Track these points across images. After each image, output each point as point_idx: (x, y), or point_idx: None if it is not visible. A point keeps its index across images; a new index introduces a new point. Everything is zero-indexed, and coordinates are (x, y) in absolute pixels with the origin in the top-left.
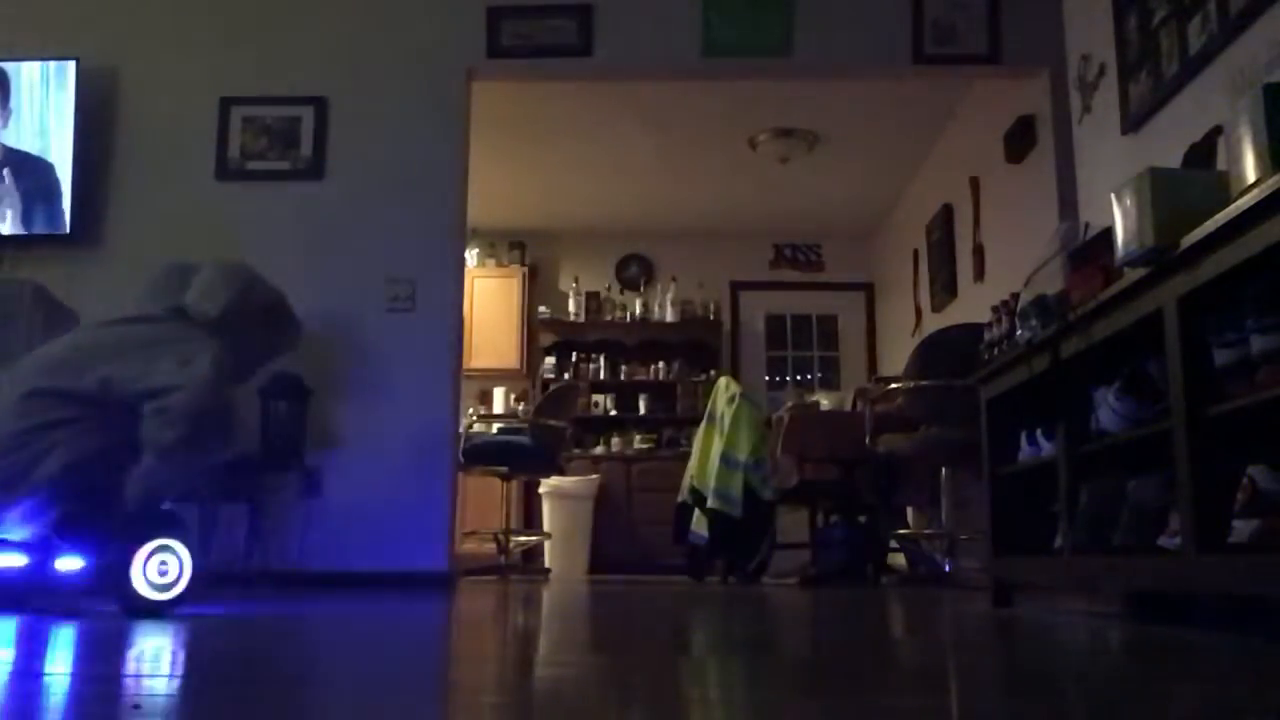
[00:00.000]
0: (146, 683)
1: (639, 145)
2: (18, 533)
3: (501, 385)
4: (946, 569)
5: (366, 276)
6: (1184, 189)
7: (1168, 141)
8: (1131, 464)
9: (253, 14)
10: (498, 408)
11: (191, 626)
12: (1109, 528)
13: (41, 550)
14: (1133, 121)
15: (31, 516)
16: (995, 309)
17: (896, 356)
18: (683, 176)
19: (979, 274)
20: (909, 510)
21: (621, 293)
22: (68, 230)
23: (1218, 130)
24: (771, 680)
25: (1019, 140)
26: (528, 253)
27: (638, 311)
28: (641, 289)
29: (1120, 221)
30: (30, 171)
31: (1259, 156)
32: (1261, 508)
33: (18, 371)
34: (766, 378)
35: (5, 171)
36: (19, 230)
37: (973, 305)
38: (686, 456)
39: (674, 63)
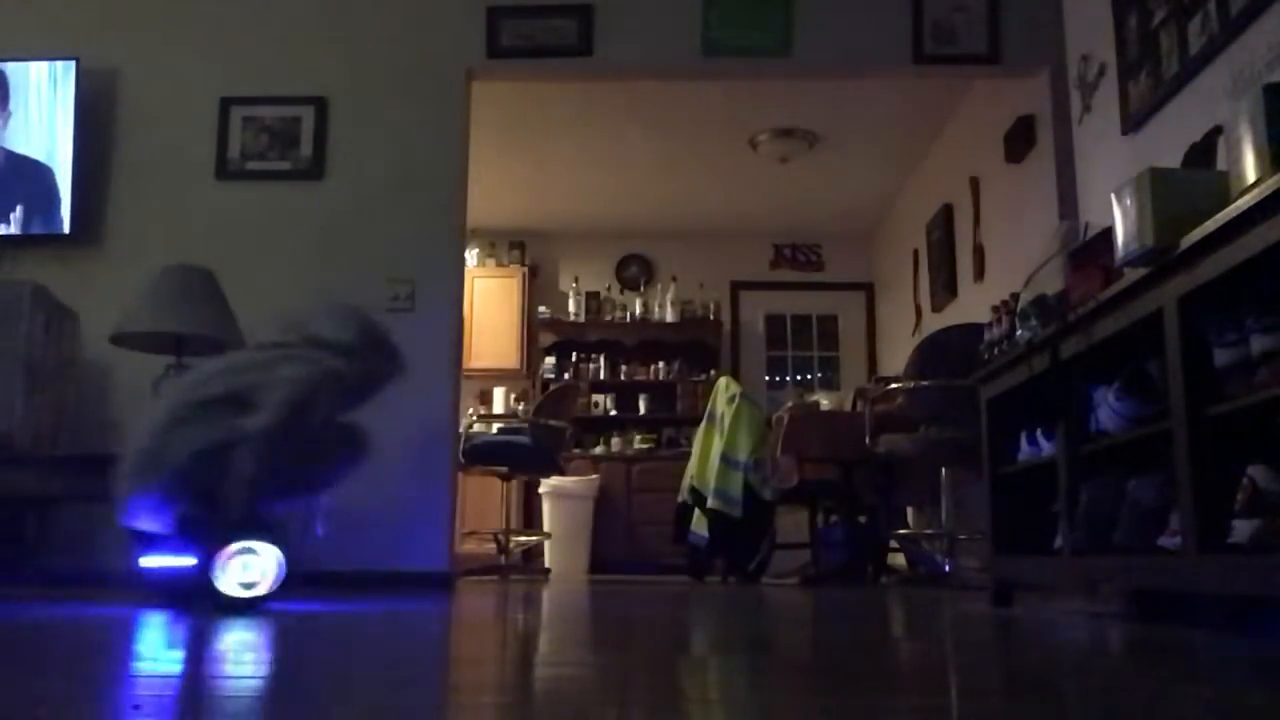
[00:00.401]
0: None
1: (639, 145)
2: (147, 523)
3: (501, 385)
4: (946, 569)
5: (366, 276)
6: (1184, 189)
7: (1168, 141)
8: (1131, 464)
9: (253, 14)
10: (498, 408)
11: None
12: (1109, 528)
13: (205, 550)
14: (1133, 121)
15: (159, 508)
16: (995, 309)
17: (896, 356)
18: (683, 176)
19: (979, 274)
20: (909, 510)
21: (621, 293)
22: (67, 230)
23: (1218, 130)
24: (771, 680)
25: (1019, 140)
26: (528, 253)
27: (638, 311)
28: (641, 289)
29: (1120, 221)
30: (29, 176)
31: (1259, 156)
32: (1261, 508)
33: (175, 384)
34: (766, 378)
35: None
36: (19, 231)
37: (973, 305)
38: (686, 456)
39: (674, 63)
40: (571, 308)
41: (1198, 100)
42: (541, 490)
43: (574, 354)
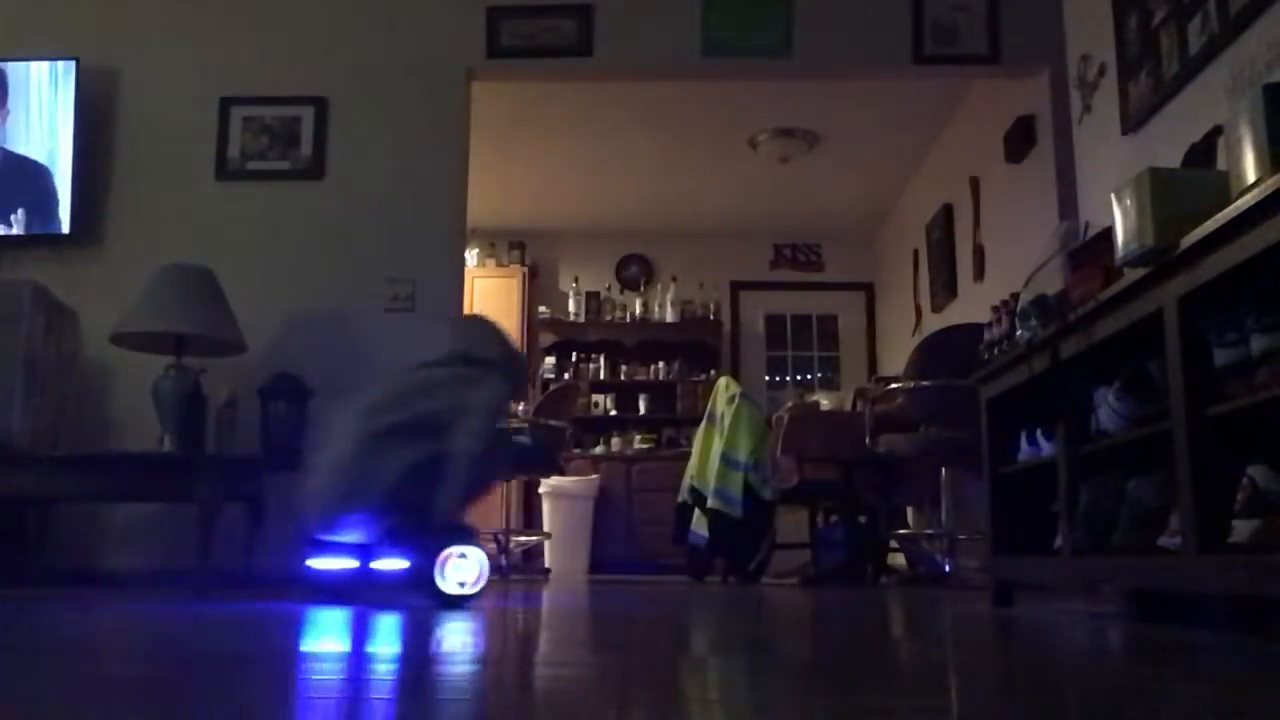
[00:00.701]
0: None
1: (639, 145)
2: (352, 537)
3: None
4: (946, 569)
5: (366, 276)
6: (1184, 189)
7: (1168, 141)
8: (1131, 464)
9: (253, 14)
10: None
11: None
12: (1109, 528)
13: (366, 553)
14: (1133, 121)
15: (365, 525)
16: (995, 309)
17: (896, 356)
18: (683, 176)
19: (979, 274)
20: (909, 510)
21: (621, 293)
22: (67, 230)
23: (1218, 130)
24: (771, 680)
25: (1019, 140)
26: (528, 253)
27: (638, 311)
28: (641, 289)
29: (1120, 221)
30: (27, 177)
31: (1259, 156)
32: (1261, 508)
33: (350, 413)
34: (766, 378)
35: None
36: (18, 231)
37: (973, 305)
38: (686, 456)
39: (674, 63)
40: (571, 308)
41: (1198, 100)
42: (541, 490)
43: (574, 354)
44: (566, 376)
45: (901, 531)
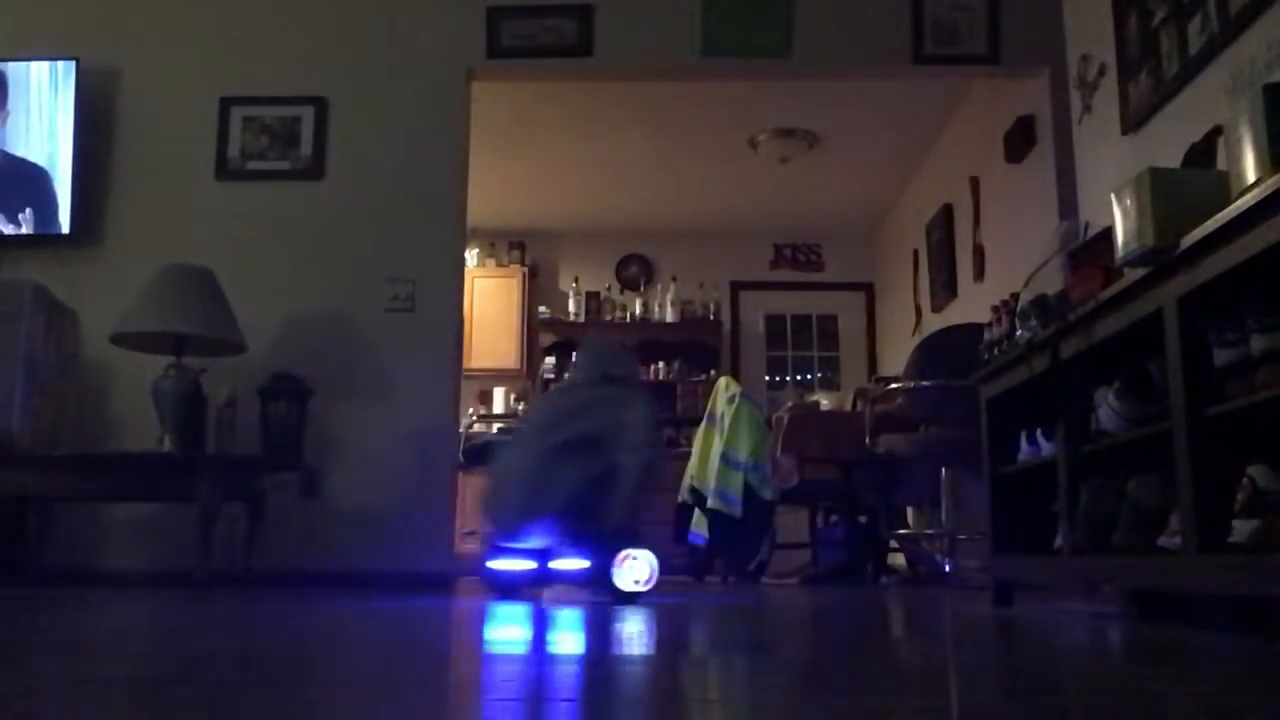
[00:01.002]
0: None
1: (639, 145)
2: (535, 542)
3: (501, 385)
4: (946, 569)
5: (366, 276)
6: (1184, 189)
7: (1168, 141)
8: (1131, 464)
9: (253, 14)
10: (498, 408)
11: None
12: (1109, 528)
13: (543, 555)
14: (1133, 121)
15: (548, 531)
16: (995, 309)
17: (896, 356)
18: (683, 176)
19: (979, 274)
20: (909, 510)
21: (621, 293)
22: (67, 230)
23: (1218, 130)
24: (771, 680)
25: (1019, 140)
26: (528, 253)
27: (638, 311)
28: (641, 289)
29: (1120, 221)
30: (26, 180)
31: (1259, 156)
32: (1261, 508)
33: (524, 433)
34: (766, 378)
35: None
36: (18, 231)
37: (973, 305)
38: (686, 457)
39: (674, 63)
40: (571, 308)
41: (1198, 100)
42: None
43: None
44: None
45: (901, 531)
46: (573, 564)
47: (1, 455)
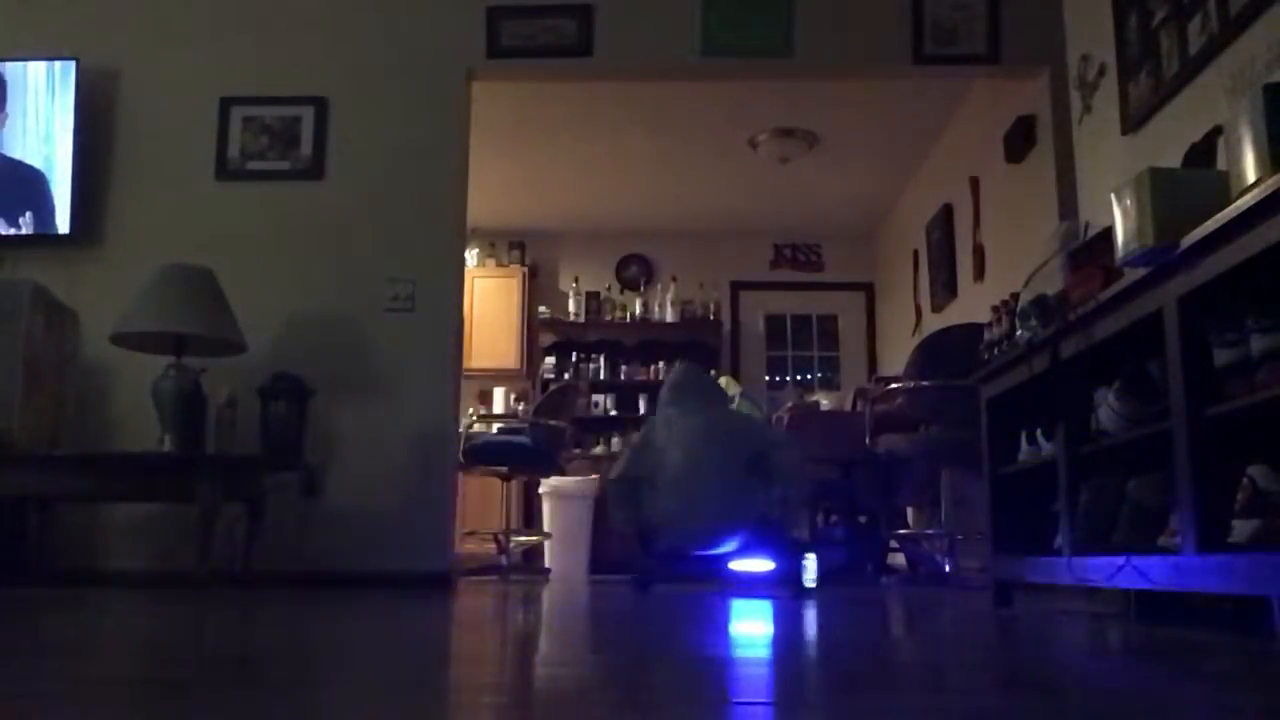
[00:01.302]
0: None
1: (639, 145)
2: (727, 547)
3: (501, 385)
4: (946, 569)
5: (366, 276)
6: (1184, 189)
7: (1168, 141)
8: (1131, 464)
9: (253, 14)
10: (498, 408)
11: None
12: (1109, 528)
13: (724, 557)
14: (1133, 121)
15: (741, 540)
16: (995, 309)
17: (896, 356)
18: (683, 176)
19: (979, 274)
20: (909, 510)
21: (621, 293)
22: (67, 231)
23: (1218, 130)
24: (770, 680)
25: (1019, 140)
26: (528, 253)
27: (638, 311)
28: (641, 289)
29: (1120, 221)
30: (23, 183)
31: (1259, 156)
32: (1261, 508)
33: (674, 457)
34: (766, 378)
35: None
36: (18, 231)
37: (973, 305)
38: None
39: (674, 63)
40: (571, 308)
41: (1198, 100)
42: (541, 490)
43: (574, 354)
44: (566, 376)
45: (901, 531)
46: (758, 565)
47: (1, 455)
